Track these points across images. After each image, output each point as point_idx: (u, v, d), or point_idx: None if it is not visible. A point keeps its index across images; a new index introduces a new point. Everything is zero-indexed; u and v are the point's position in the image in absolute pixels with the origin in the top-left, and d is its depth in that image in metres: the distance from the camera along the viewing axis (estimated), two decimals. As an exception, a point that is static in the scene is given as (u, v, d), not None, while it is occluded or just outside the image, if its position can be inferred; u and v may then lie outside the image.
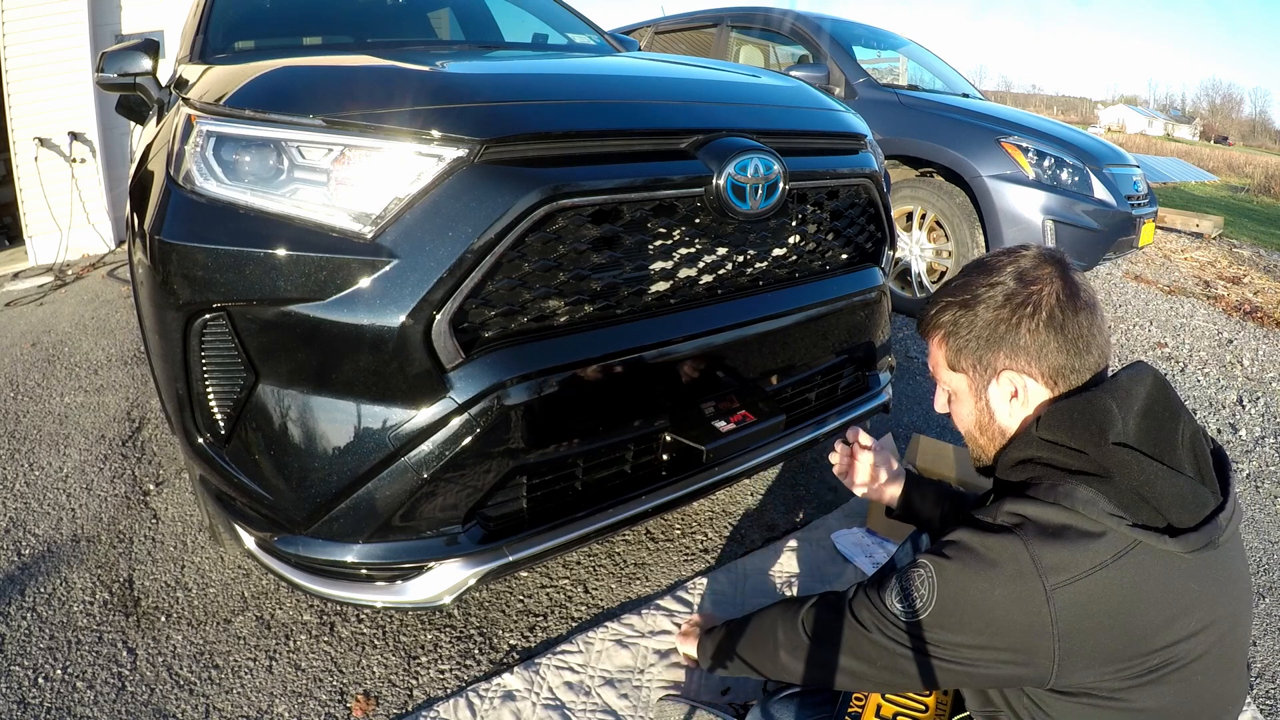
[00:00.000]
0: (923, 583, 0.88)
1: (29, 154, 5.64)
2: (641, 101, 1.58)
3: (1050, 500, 0.84)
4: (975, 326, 0.95)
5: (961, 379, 1.00)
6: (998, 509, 0.87)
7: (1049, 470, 0.88)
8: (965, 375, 0.99)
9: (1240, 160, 25.67)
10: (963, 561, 0.85)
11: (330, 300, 1.19)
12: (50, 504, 2.17)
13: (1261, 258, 6.59)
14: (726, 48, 4.92)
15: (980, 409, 0.99)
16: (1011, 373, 0.94)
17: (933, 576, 0.87)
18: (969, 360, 0.97)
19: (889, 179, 2.01)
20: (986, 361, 0.95)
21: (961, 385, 1.00)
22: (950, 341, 0.98)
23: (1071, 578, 0.79)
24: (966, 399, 1.01)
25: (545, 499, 1.39)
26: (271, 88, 1.35)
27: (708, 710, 1.38)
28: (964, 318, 0.96)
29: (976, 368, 0.97)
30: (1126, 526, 0.80)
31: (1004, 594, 0.81)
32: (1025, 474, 0.91)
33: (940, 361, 1.02)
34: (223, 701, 1.48)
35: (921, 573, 0.89)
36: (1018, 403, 0.95)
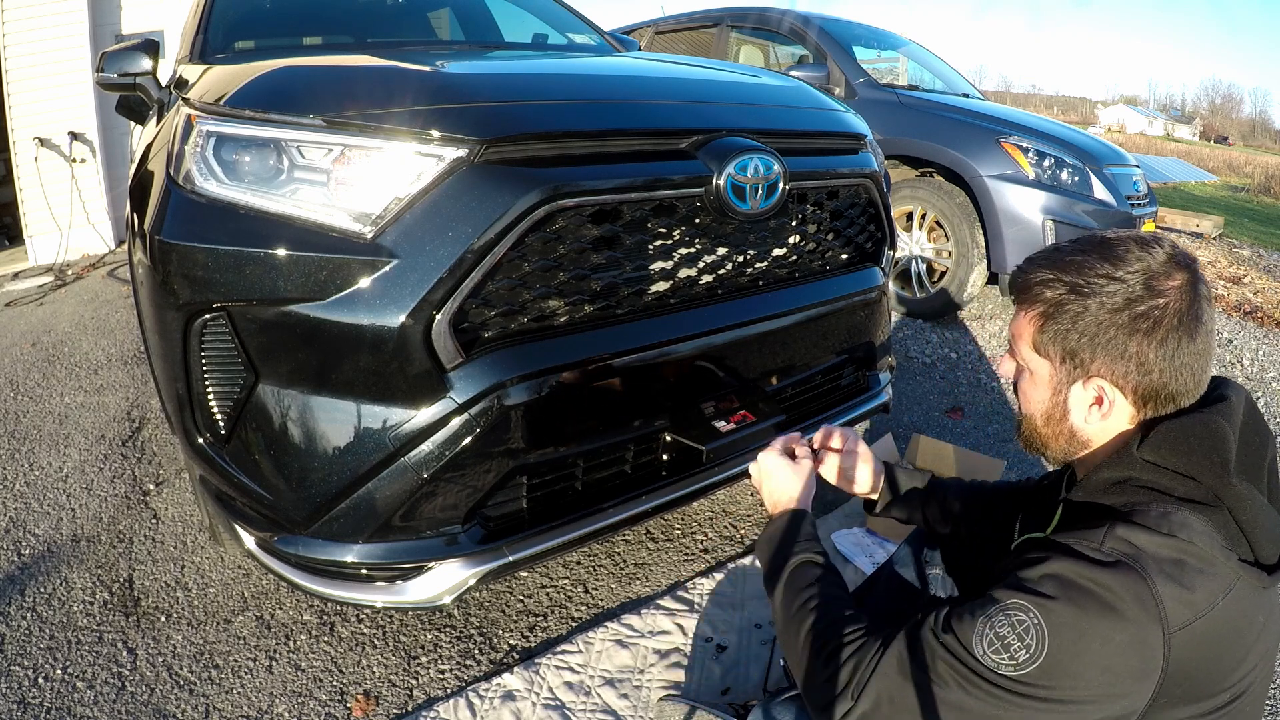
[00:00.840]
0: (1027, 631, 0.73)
1: (29, 154, 5.64)
2: (641, 101, 1.58)
3: (1165, 531, 0.75)
4: (1081, 320, 0.84)
5: (1043, 364, 0.89)
6: (1102, 537, 0.76)
7: (1153, 494, 0.79)
8: (1049, 363, 0.88)
9: (1240, 160, 25.68)
10: (1078, 604, 0.72)
11: (330, 300, 1.19)
12: (50, 504, 2.17)
13: (1261, 258, 6.59)
14: (726, 48, 4.92)
15: (1054, 403, 0.89)
16: (1104, 381, 0.84)
17: (1040, 623, 0.73)
18: (1060, 350, 0.86)
19: (889, 179, 2.01)
20: (1080, 360, 0.85)
21: (1041, 370, 0.90)
22: (1045, 323, 0.87)
23: (1189, 620, 0.72)
24: (1042, 386, 0.90)
25: (545, 499, 1.39)
26: (271, 88, 1.35)
27: (708, 710, 1.38)
28: (1072, 305, 0.84)
29: (1067, 362, 0.86)
30: (1235, 562, 0.75)
31: (1125, 640, 0.71)
32: (1123, 497, 0.81)
33: (1025, 336, 0.90)
34: (223, 701, 1.48)
35: (1022, 617, 0.74)
36: (1098, 411, 0.86)
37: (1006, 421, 2.83)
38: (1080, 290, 0.84)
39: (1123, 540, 0.75)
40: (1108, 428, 0.87)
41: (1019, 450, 2.58)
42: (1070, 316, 0.85)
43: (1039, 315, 0.88)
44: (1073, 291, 0.85)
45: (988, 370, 3.32)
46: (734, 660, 1.58)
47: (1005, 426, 2.78)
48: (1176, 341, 0.81)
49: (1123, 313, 0.82)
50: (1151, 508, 0.77)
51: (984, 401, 3.00)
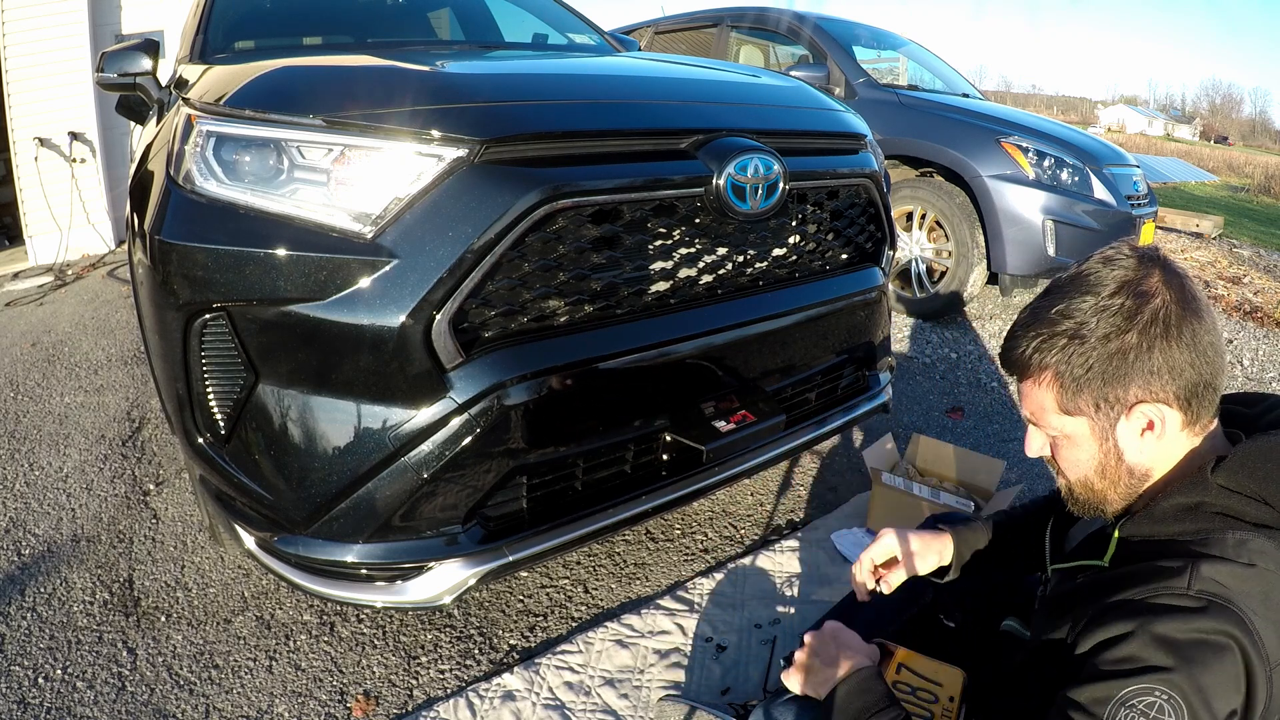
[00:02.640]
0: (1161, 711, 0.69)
1: (29, 154, 5.64)
2: (641, 101, 1.58)
3: (1245, 561, 0.73)
4: (1095, 358, 0.80)
5: (1079, 422, 0.84)
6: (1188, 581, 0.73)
7: (1226, 520, 0.76)
8: (1084, 418, 0.83)
9: (1240, 160, 25.67)
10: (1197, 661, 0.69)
11: (330, 300, 1.19)
12: (50, 504, 2.17)
13: (1261, 258, 6.59)
14: (726, 48, 4.92)
15: (1105, 451, 0.84)
16: (1146, 405, 0.80)
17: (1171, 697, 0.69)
18: (1090, 399, 0.82)
19: (889, 179, 2.01)
20: (1115, 397, 0.81)
21: (1079, 429, 0.84)
22: (1066, 383, 0.82)
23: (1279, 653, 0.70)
24: (1085, 443, 0.85)
25: (545, 499, 1.39)
26: (271, 88, 1.35)
27: (708, 710, 1.38)
28: (1079, 351, 0.80)
29: (1101, 406, 0.82)
30: None
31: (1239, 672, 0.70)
32: (1195, 524, 0.78)
33: (1047, 406, 0.85)
34: (223, 701, 1.48)
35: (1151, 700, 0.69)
36: (1152, 436, 0.82)
37: (1006, 421, 2.83)
38: (1080, 334, 0.81)
39: (1210, 580, 0.72)
40: (1165, 449, 0.83)
41: (1019, 450, 2.58)
42: (1082, 362, 0.81)
43: (1053, 379, 0.84)
44: (1073, 339, 0.81)
45: (988, 370, 3.32)
46: (734, 660, 1.58)
47: (1005, 426, 2.78)
48: (1191, 329, 0.79)
49: (1130, 332, 0.79)
50: (1227, 535, 0.75)
51: (984, 401, 3.00)
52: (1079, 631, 0.78)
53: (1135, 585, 0.76)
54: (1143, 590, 0.75)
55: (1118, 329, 0.79)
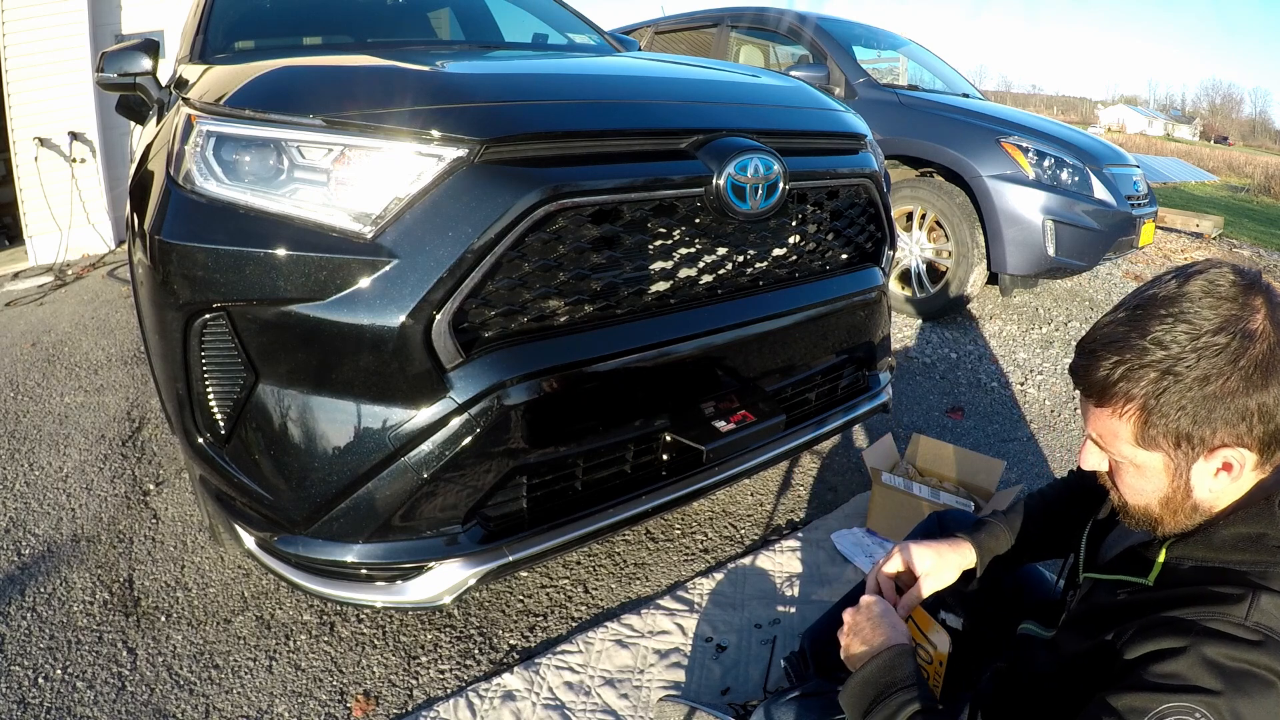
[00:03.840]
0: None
1: (29, 154, 5.64)
2: (641, 101, 1.58)
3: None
4: (1189, 399, 0.74)
5: (1155, 456, 0.79)
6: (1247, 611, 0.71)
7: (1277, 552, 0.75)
8: (1162, 453, 0.79)
9: (1240, 160, 25.68)
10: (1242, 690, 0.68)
11: (330, 300, 1.19)
12: (50, 504, 2.17)
13: (1261, 258, 6.59)
14: (726, 48, 4.92)
15: (1175, 488, 0.80)
16: (1228, 450, 0.76)
17: None
18: (1172, 439, 0.77)
19: (889, 179, 2.01)
20: (1199, 438, 0.76)
21: (1153, 462, 0.80)
22: (1151, 418, 0.77)
23: None
24: (1154, 476, 0.81)
25: (545, 499, 1.39)
26: (271, 88, 1.35)
27: (708, 710, 1.38)
28: (1172, 389, 0.74)
29: (1182, 445, 0.77)
30: None
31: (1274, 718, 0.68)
32: (1254, 555, 0.76)
33: (1121, 435, 0.80)
34: (223, 701, 1.48)
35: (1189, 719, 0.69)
36: (1226, 478, 0.78)
37: (1006, 421, 2.83)
38: (1174, 371, 0.74)
39: (1268, 614, 0.71)
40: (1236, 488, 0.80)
41: (1019, 450, 2.58)
42: (1175, 404, 0.75)
43: (1139, 411, 0.77)
44: (1167, 374, 0.75)
45: (988, 370, 3.32)
46: (734, 660, 1.58)
47: (1005, 426, 2.78)
48: None
49: (1231, 377, 0.73)
50: None
51: (984, 401, 3.00)
52: (1125, 640, 0.77)
53: (1191, 605, 0.74)
54: (1199, 611, 0.73)
55: (1219, 372, 0.73)
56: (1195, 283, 0.76)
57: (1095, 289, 4.80)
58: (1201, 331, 0.74)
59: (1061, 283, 4.77)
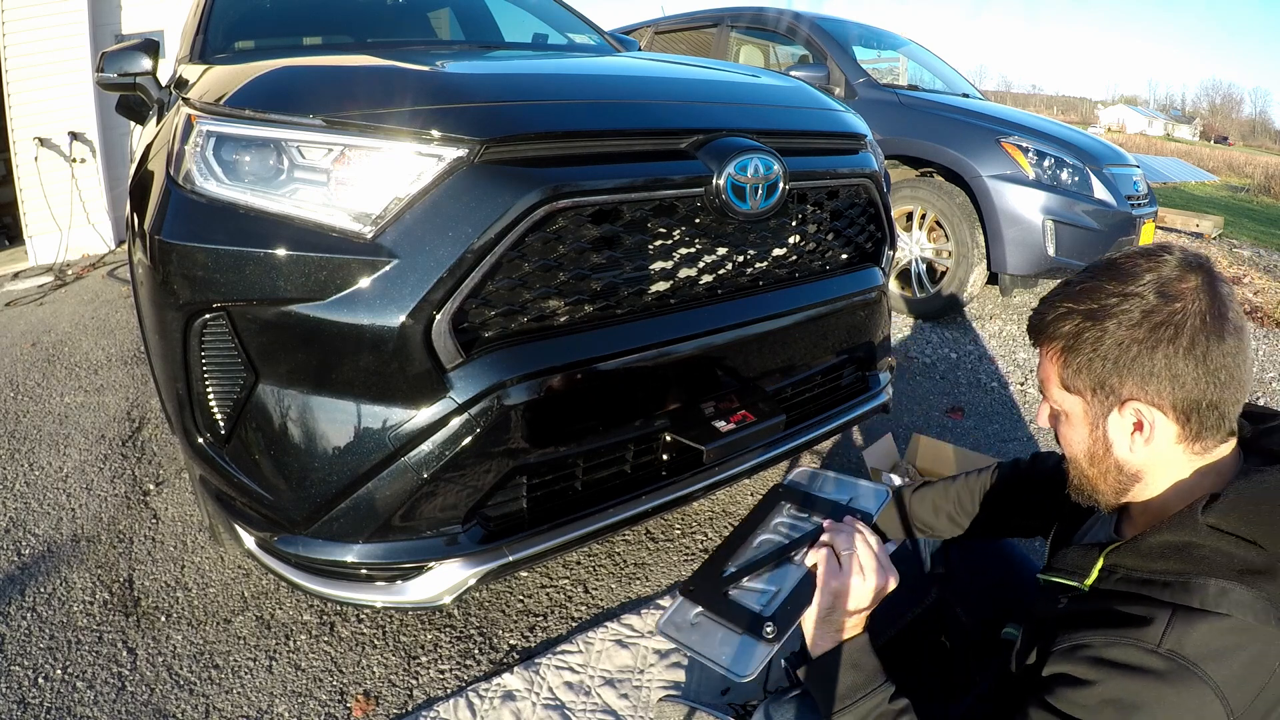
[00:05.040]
0: None
1: (29, 154, 5.64)
2: (641, 101, 1.58)
3: (1223, 611, 0.72)
4: (1102, 345, 0.80)
5: (1076, 401, 0.85)
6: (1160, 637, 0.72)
7: (1210, 565, 0.75)
8: (1080, 399, 0.85)
9: (1240, 160, 25.68)
10: None
11: (330, 300, 1.19)
12: (50, 504, 2.17)
13: (1261, 258, 6.60)
14: (726, 48, 4.92)
15: (1095, 439, 0.85)
16: (1139, 404, 0.80)
17: None
18: (1088, 383, 0.83)
19: (889, 179, 2.01)
20: (1110, 387, 0.81)
21: (1075, 408, 0.86)
22: (1068, 358, 0.84)
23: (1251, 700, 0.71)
24: (1079, 424, 0.86)
25: (545, 499, 1.39)
26: (271, 88, 1.35)
27: (708, 710, 1.38)
28: (1089, 332, 0.81)
29: (1097, 393, 0.83)
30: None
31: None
32: (1179, 564, 0.77)
33: (1052, 377, 0.87)
34: (223, 701, 1.48)
35: None
36: (1140, 438, 0.82)
37: (1006, 421, 2.83)
38: (1095, 315, 0.81)
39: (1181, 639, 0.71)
40: (1155, 456, 0.83)
41: (1019, 450, 2.58)
42: (1091, 344, 0.81)
43: (1060, 351, 0.85)
44: (1088, 318, 0.82)
45: (988, 370, 3.32)
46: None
47: (1005, 426, 2.78)
48: (1205, 345, 0.77)
49: (1140, 326, 0.79)
50: (1210, 583, 0.74)
51: (984, 401, 3.00)
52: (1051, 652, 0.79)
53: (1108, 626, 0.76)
54: (1113, 636, 0.75)
55: (1131, 322, 0.79)
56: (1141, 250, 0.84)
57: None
58: (1129, 285, 0.80)
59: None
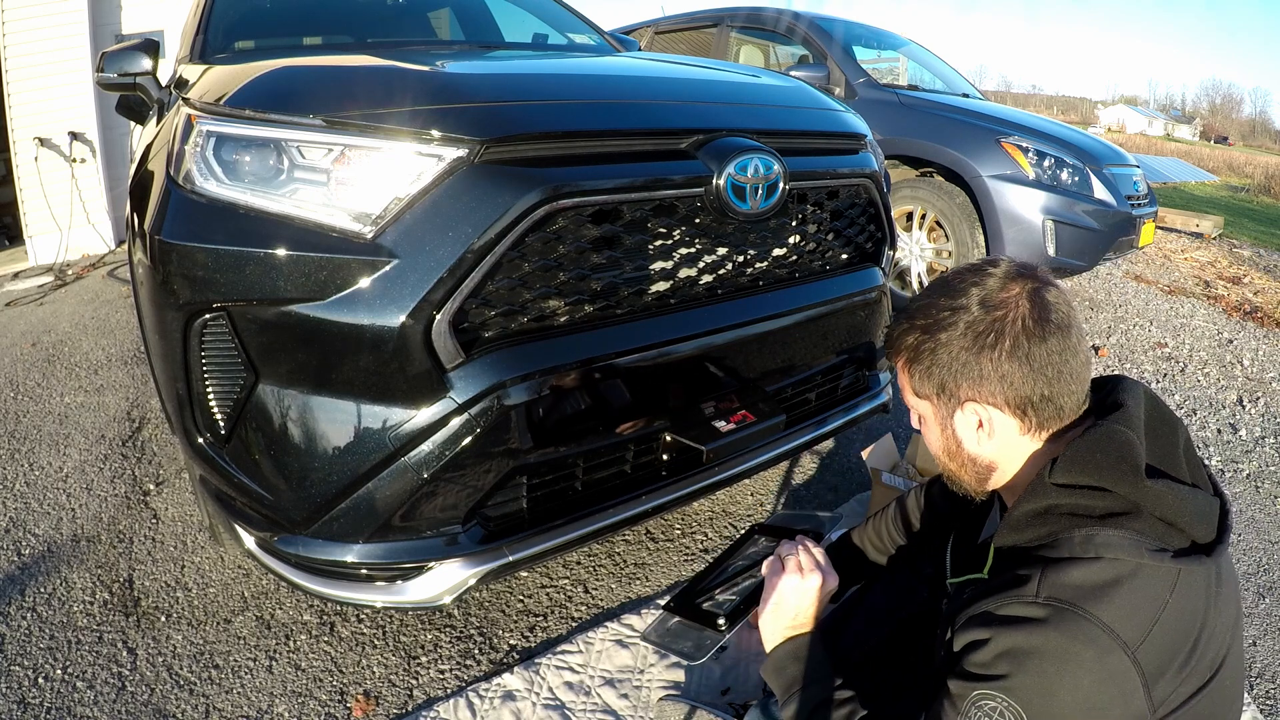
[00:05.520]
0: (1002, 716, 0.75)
1: (29, 154, 5.64)
2: (641, 101, 1.58)
3: (1092, 556, 0.76)
4: (936, 354, 0.90)
5: (926, 405, 0.95)
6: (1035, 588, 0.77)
7: (1074, 519, 0.80)
8: (929, 402, 0.94)
9: (1240, 160, 25.69)
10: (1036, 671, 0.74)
11: (330, 300, 1.19)
12: (50, 504, 2.17)
13: (1261, 258, 6.60)
14: (726, 48, 4.92)
15: (947, 437, 0.95)
16: (975, 404, 0.89)
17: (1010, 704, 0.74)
18: (931, 388, 0.92)
19: (889, 179, 2.01)
20: (949, 391, 0.90)
21: (926, 411, 0.96)
22: (912, 368, 0.93)
23: (1147, 630, 0.73)
24: (932, 425, 0.96)
25: (545, 499, 1.39)
26: (271, 88, 1.35)
27: (708, 710, 1.38)
28: (925, 344, 0.91)
29: (940, 396, 0.92)
30: (1169, 559, 0.76)
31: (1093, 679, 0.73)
32: (1045, 528, 0.82)
33: (905, 385, 0.97)
34: (223, 701, 1.48)
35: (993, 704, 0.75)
36: (984, 433, 0.90)
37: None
38: (929, 329, 0.90)
39: (1055, 584, 0.76)
40: (1003, 447, 0.90)
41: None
42: (928, 355, 0.90)
43: (905, 363, 0.95)
44: (924, 332, 0.91)
45: (988, 370, 3.32)
46: (734, 660, 1.58)
47: (1005, 426, 2.78)
48: (1028, 346, 0.84)
49: (965, 336, 0.87)
50: (1074, 534, 0.79)
51: (984, 401, 3.00)
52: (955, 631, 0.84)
53: (993, 594, 0.81)
54: (997, 600, 0.80)
55: (960, 334, 0.87)
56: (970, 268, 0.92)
57: (1095, 289, 4.80)
58: (956, 300, 0.89)
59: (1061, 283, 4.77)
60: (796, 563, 1.08)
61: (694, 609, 1.13)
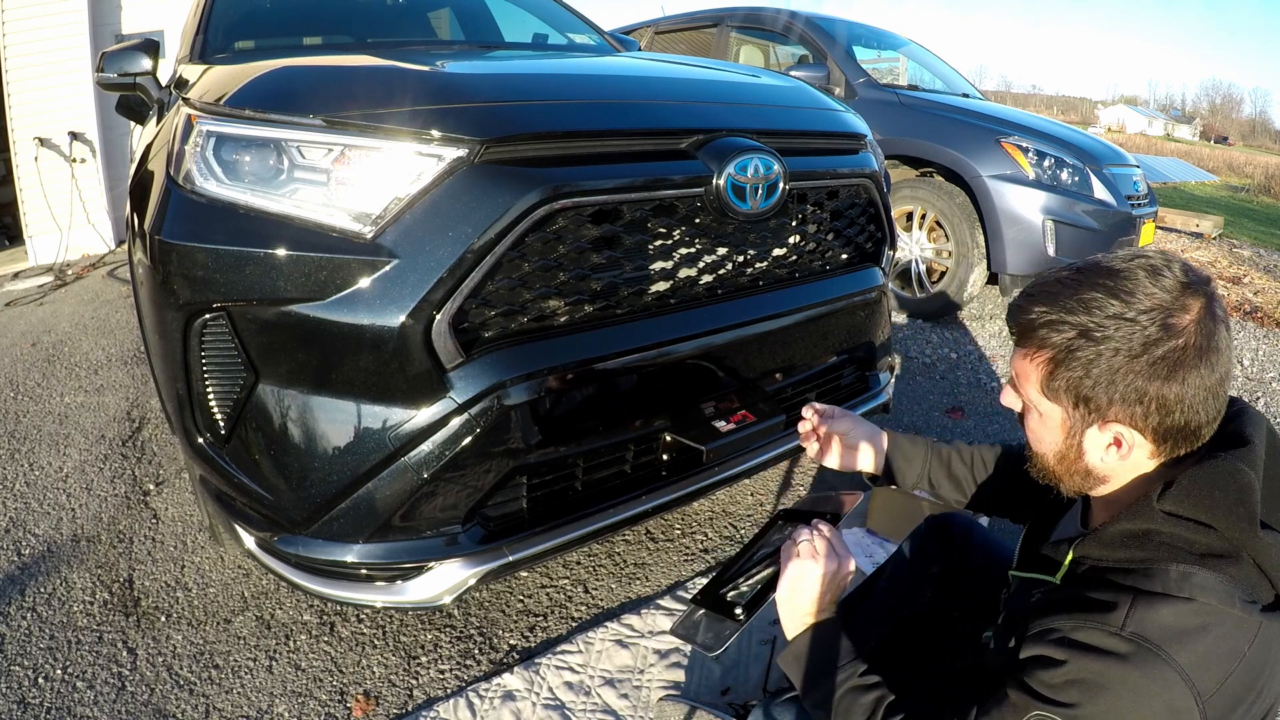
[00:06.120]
0: None
1: (29, 154, 5.64)
2: (641, 101, 1.58)
3: (1185, 595, 0.72)
4: (1094, 365, 0.78)
5: (1055, 409, 0.84)
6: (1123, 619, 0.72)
7: (1173, 550, 0.75)
8: (1061, 408, 0.83)
9: (1240, 160, 25.69)
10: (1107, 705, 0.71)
11: (330, 300, 1.19)
12: (50, 504, 2.17)
13: (1261, 258, 6.59)
14: (726, 48, 4.92)
15: (1069, 445, 0.85)
16: (1121, 426, 0.79)
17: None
18: (1072, 396, 0.81)
19: (889, 179, 2.01)
20: (1095, 405, 0.80)
21: (1053, 414, 0.84)
22: (1056, 370, 0.81)
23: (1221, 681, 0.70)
24: (1053, 428, 0.85)
25: (545, 499, 1.39)
26: (271, 88, 1.35)
27: (708, 710, 1.38)
28: (1083, 349, 0.78)
29: (1080, 406, 0.81)
30: (1257, 612, 0.72)
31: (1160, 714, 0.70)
32: (1141, 552, 0.77)
33: (1032, 379, 0.85)
34: (223, 701, 1.48)
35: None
36: (1115, 452, 0.82)
37: (1007, 421, 2.83)
38: (1091, 335, 0.78)
39: (1143, 621, 0.72)
40: (1127, 466, 0.83)
41: (1019, 450, 2.58)
42: (1082, 364, 0.79)
43: (1047, 361, 0.82)
44: (1083, 336, 0.79)
45: (988, 370, 3.32)
46: (734, 660, 1.58)
47: (1006, 426, 2.78)
48: (1197, 377, 0.76)
49: (1140, 359, 0.76)
50: (1171, 568, 0.74)
51: (984, 401, 3.00)
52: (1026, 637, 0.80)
53: (1075, 611, 0.77)
54: (1079, 620, 0.75)
55: (1129, 352, 0.76)
56: (1143, 264, 0.79)
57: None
58: (1129, 309, 0.77)
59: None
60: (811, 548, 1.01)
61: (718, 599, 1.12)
